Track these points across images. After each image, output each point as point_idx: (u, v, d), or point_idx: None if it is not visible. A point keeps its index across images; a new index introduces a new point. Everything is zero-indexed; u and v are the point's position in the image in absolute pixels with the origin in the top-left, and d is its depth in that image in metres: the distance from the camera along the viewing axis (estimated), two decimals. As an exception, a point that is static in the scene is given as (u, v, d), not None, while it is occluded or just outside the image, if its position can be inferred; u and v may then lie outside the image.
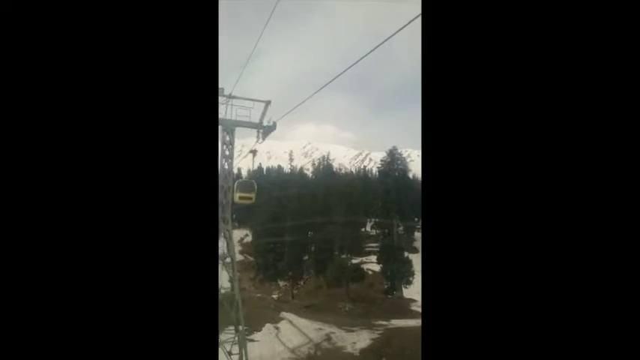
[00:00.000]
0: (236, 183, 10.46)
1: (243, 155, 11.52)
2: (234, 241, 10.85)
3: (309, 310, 21.71)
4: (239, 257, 39.15)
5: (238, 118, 9.54)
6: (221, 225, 10.52)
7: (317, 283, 29.01)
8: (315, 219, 30.05)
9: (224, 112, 9.47)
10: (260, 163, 61.41)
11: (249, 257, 38.26)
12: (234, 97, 9.37)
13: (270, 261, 33.15)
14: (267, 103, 9.58)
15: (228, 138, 9.60)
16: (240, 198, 10.33)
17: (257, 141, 9.94)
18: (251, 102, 9.45)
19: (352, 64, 4.26)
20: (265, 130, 9.77)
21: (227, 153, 9.79)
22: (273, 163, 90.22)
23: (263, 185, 47.17)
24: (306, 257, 31.24)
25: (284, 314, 19.69)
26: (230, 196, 10.28)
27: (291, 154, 43.18)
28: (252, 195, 10.58)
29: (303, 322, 18.61)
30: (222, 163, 9.83)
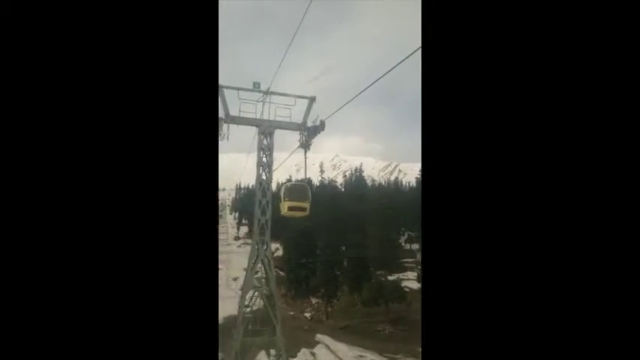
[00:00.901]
0: (283, 188, 8.19)
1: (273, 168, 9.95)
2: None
3: (346, 332, 20.06)
4: (269, 271, 38.20)
5: (277, 119, 8.16)
6: (260, 250, 8.46)
7: (351, 301, 27.29)
8: (347, 232, 28.59)
9: (260, 111, 8.11)
10: (290, 176, 60.85)
11: (280, 272, 37.10)
12: (272, 93, 8.02)
13: (302, 276, 31.93)
14: (312, 99, 8.17)
15: (266, 142, 8.17)
16: (291, 209, 7.83)
17: (300, 145, 8.38)
18: (292, 99, 8.07)
19: (380, 76, 4.23)
20: (310, 132, 8.20)
21: (265, 160, 8.25)
22: (302, 175, 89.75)
23: None
24: (338, 273, 29.70)
25: (319, 337, 18.13)
26: (270, 213, 8.28)
27: (321, 166, 42.05)
28: (307, 205, 8.05)
29: (340, 347, 17.03)
30: (259, 173, 8.23)
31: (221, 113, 7.95)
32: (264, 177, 8.27)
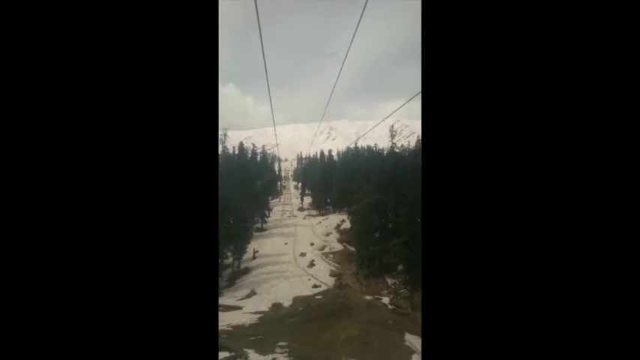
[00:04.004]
0: None
1: (333, 137, 5.63)
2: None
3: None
4: (337, 246, 35.66)
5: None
6: None
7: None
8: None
9: None
10: (356, 143, 56.70)
11: (349, 247, 34.20)
12: None
13: (375, 253, 28.79)
14: None
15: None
16: None
17: None
18: None
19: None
20: None
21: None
22: (362, 143, 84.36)
23: (359, 167, 43.72)
24: (414, 249, 25.72)
25: (410, 340, 14.49)
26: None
27: (392, 129, 37.06)
28: None
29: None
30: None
31: None
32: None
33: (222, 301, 23.03)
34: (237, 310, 21.00)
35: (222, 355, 11.22)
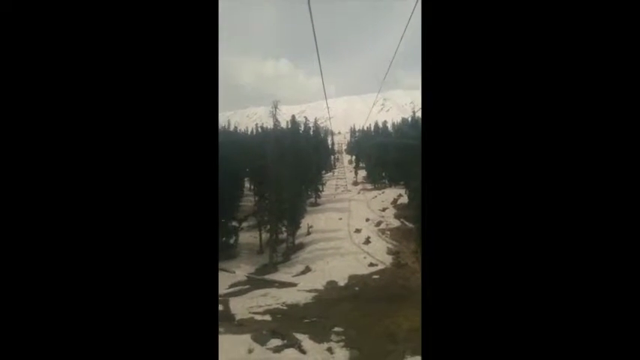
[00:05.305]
0: None
1: (387, 109, 4.43)
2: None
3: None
4: (394, 222, 33.89)
5: None
6: None
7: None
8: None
9: None
10: (414, 113, 52.84)
11: (407, 223, 32.21)
12: None
13: None
14: None
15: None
16: None
17: None
18: None
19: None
20: None
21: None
22: (419, 113, 78.85)
23: (417, 138, 40.43)
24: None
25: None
26: None
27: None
28: None
29: None
30: None
31: None
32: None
33: (277, 277, 22.91)
34: (292, 287, 20.63)
35: (275, 342, 10.57)
